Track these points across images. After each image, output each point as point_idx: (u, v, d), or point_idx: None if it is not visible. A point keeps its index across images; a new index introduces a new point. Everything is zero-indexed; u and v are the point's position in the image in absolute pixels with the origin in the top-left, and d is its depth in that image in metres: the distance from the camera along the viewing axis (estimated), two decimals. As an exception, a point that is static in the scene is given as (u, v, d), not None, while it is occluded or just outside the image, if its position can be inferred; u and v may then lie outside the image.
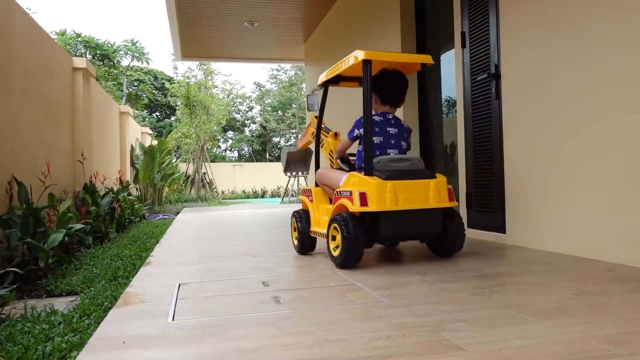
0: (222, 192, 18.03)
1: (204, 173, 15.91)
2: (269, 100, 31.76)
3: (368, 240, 2.71)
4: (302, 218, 3.22)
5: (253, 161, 29.68)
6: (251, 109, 33.06)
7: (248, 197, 18.93)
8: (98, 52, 24.95)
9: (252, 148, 31.99)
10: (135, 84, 28.03)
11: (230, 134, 32.15)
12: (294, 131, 30.36)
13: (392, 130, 2.94)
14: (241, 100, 31.54)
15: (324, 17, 7.95)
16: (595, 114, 2.69)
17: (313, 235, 3.15)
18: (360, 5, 6.23)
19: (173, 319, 1.75)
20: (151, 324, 1.71)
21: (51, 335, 1.87)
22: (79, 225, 3.95)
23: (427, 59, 2.90)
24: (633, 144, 2.46)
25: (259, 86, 32.67)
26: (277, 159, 30.42)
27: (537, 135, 3.15)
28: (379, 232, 2.66)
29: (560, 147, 2.96)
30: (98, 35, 47.97)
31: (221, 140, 29.87)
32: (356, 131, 2.97)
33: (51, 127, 5.11)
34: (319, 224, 3.06)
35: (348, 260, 2.62)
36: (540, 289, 2.03)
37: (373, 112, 2.94)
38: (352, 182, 2.75)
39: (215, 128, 16.77)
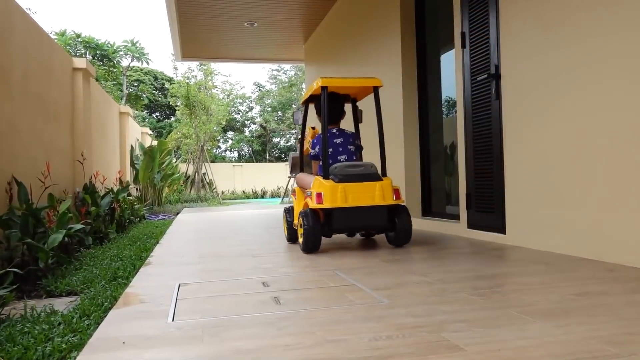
0: (222, 193, 18.04)
1: (204, 173, 15.92)
2: (269, 101, 31.75)
3: (327, 231, 3.31)
4: (289, 213, 3.84)
5: (253, 161, 29.69)
6: (251, 109, 33.06)
7: (248, 198, 18.94)
8: (98, 52, 24.96)
9: (252, 148, 31.98)
10: (135, 84, 28.03)
11: (230, 134, 32.14)
12: (293, 132, 30.35)
13: (337, 140, 3.60)
14: (241, 101, 31.54)
15: (324, 18, 7.95)
16: (596, 114, 2.69)
17: (295, 228, 3.64)
18: (360, 5, 6.22)
19: (173, 320, 1.75)
20: (151, 324, 1.71)
21: (51, 335, 1.86)
22: (78, 226, 3.95)
23: (377, 82, 3.49)
24: (633, 143, 2.45)
25: (259, 86, 32.68)
26: (277, 159, 30.63)
27: (537, 135, 3.15)
28: (333, 225, 3.25)
29: (560, 147, 2.96)
30: (98, 35, 48.05)
31: (221, 140, 29.88)
32: (312, 152, 3.65)
33: (51, 127, 5.11)
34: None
35: (308, 247, 3.22)
36: (541, 289, 2.03)
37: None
38: (315, 185, 3.35)
39: (215, 128, 16.79)
